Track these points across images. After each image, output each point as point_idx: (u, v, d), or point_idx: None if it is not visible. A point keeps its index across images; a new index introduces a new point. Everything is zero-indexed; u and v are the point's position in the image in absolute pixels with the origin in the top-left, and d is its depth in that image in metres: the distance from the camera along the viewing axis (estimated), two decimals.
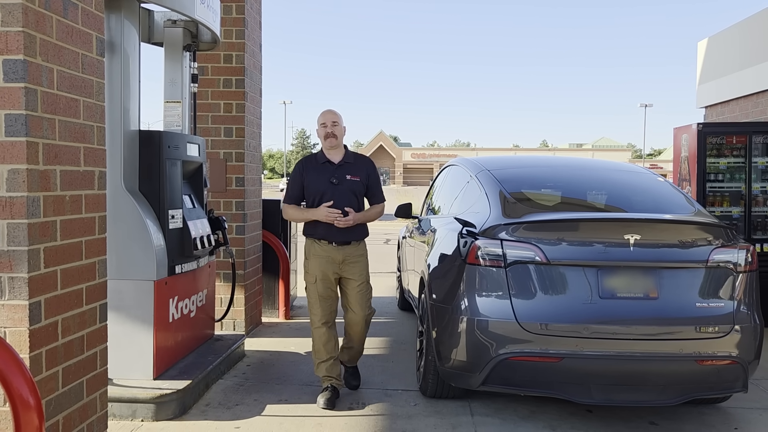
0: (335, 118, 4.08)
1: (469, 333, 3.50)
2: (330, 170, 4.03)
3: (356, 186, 4.05)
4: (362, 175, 4.07)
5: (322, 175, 4.03)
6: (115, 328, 3.76)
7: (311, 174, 4.06)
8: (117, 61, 3.84)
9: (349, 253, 4.03)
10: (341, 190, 3.99)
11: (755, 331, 3.52)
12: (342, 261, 4.01)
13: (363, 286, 4.06)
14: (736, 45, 8.33)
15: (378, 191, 4.19)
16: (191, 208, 4.34)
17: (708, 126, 6.62)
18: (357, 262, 4.05)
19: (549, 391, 3.46)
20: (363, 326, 4.13)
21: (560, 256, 3.42)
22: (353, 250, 4.04)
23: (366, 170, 4.11)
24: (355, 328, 4.13)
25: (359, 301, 4.05)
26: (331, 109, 4.15)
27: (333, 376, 4.04)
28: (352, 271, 4.03)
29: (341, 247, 4.01)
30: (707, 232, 3.57)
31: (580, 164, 5.02)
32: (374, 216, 4.17)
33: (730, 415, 3.94)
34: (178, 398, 3.70)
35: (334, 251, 4.00)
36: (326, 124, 4.06)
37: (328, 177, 4.01)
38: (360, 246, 4.10)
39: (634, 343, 3.35)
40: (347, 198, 4.00)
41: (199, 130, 5.51)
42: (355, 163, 4.12)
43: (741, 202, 6.51)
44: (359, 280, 4.04)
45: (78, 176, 2.70)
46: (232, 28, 5.56)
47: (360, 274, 4.06)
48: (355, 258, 4.04)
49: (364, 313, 4.09)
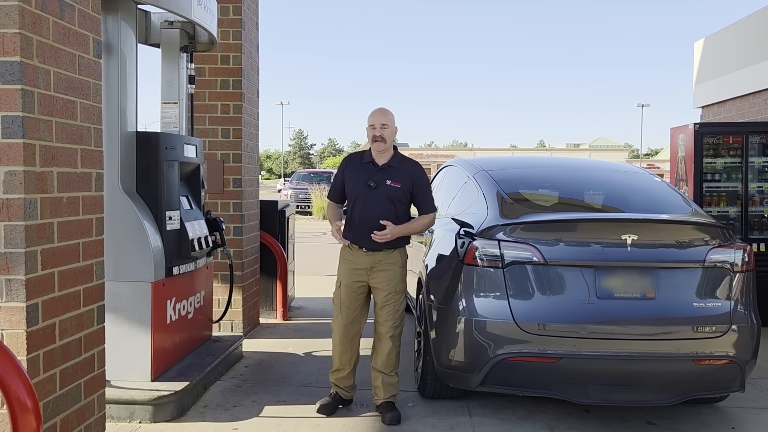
0: (385, 120, 3.76)
1: (467, 333, 3.50)
2: (370, 172, 3.76)
3: (395, 192, 3.73)
4: (405, 181, 3.74)
5: (362, 175, 3.77)
6: (113, 329, 3.75)
7: (351, 172, 3.83)
8: (114, 63, 3.83)
9: (380, 260, 3.72)
10: (377, 195, 3.71)
11: (752, 330, 3.53)
12: (371, 268, 3.73)
13: (391, 297, 3.72)
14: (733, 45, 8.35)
15: (426, 200, 3.81)
16: (189, 210, 4.34)
17: (705, 126, 6.64)
18: (387, 270, 3.73)
19: (547, 392, 3.46)
20: (388, 344, 3.73)
21: (558, 256, 3.42)
22: (385, 257, 3.73)
23: (411, 176, 3.77)
24: (379, 345, 3.78)
25: (384, 314, 3.74)
26: (383, 108, 3.84)
27: (340, 386, 3.87)
28: (380, 279, 3.73)
29: (371, 254, 3.72)
30: (704, 232, 3.58)
31: (577, 164, 5.03)
32: (419, 228, 3.83)
33: (727, 415, 3.94)
34: (176, 400, 3.70)
35: (362, 257, 3.73)
36: (375, 126, 3.76)
37: (367, 179, 3.74)
38: (393, 254, 3.75)
39: (632, 343, 3.36)
40: (383, 204, 3.71)
41: (197, 131, 5.49)
42: (400, 168, 3.78)
43: (738, 202, 6.52)
44: (386, 290, 3.72)
45: (75, 178, 2.70)
46: (229, 29, 5.55)
47: (388, 283, 3.72)
48: (385, 266, 3.73)
49: (390, 327, 3.72)
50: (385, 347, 3.75)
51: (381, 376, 3.78)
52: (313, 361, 4.94)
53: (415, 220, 3.82)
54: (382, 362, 3.77)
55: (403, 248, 3.84)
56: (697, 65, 9.40)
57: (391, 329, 3.74)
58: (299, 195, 24.46)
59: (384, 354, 3.76)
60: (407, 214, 3.84)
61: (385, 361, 3.77)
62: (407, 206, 3.83)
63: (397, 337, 3.79)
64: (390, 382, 3.80)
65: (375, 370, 3.81)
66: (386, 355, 3.76)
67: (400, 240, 3.78)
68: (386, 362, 3.77)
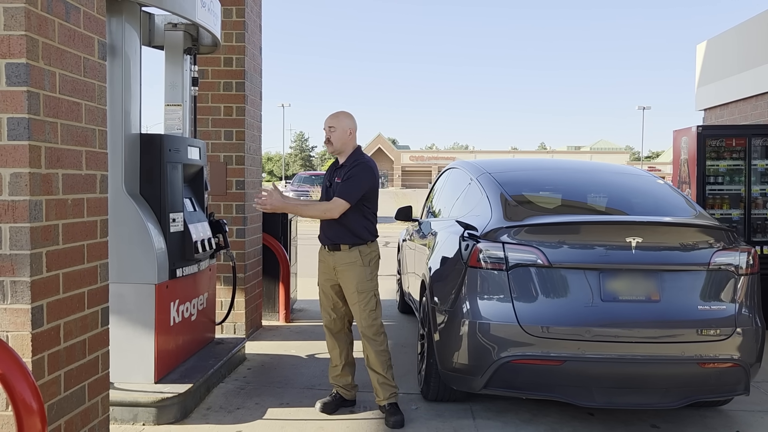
0: (332, 123, 3.83)
1: (472, 336, 3.49)
2: (331, 172, 3.97)
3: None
4: (347, 176, 3.78)
5: (329, 177, 3.96)
6: (117, 331, 3.75)
7: (326, 175, 4.01)
8: (118, 65, 3.83)
9: (339, 259, 3.78)
10: (332, 193, 3.85)
11: (757, 333, 3.52)
12: (334, 267, 3.82)
13: (354, 296, 3.75)
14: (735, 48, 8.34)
15: (343, 187, 3.71)
16: (192, 212, 4.34)
17: (708, 128, 6.63)
18: (346, 270, 3.76)
19: (551, 394, 3.45)
20: (366, 342, 3.78)
21: (562, 259, 3.42)
22: (344, 256, 3.76)
23: (350, 170, 3.76)
24: (363, 346, 3.82)
25: (358, 312, 3.77)
26: (335, 112, 3.88)
27: (339, 384, 3.96)
28: (342, 278, 3.79)
29: (332, 253, 3.81)
30: (709, 234, 3.58)
31: (580, 167, 5.02)
32: (313, 211, 3.85)
33: (731, 418, 3.93)
34: (179, 402, 3.69)
35: (327, 256, 3.86)
36: (325, 128, 3.90)
37: (329, 179, 3.95)
38: (352, 252, 3.75)
39: (636, 345, 3.35)
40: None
41: (200, 133, 5.50)
42: (348, 165, 3.82)
43: (741, 205, 6.51)
44: (349, 289, 3.77)
45: (80, 180, 2.70)
46: (233, 32, 5.56)
47: (350, 282, 3.75)
48: (344, 265, 3.76)
49: (363, 327, 3.77)
50: (365, 345, 3.82)
51: (374, 375, 3.82)
52: (315, 363, 4.94)
53: (312, 202, 3.94)
54: (370, 361, 3.83)
55: (364, 246, 3.77)
56: (699, 68, 9.39)
57: (364, 328, 3.78)
58: (300, 197, 24.43)
59: (367, 352, 3.82)
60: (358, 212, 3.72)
61: (371, 360, 3.81)
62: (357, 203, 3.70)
63: (372, 336, 3.76)
64: (384, 381, 3.79)
65: (369, 369, 3.86)
66: (370, 353, 3.81)
67: (352, 237, 3.74)
68: (372, 360, 3.80)
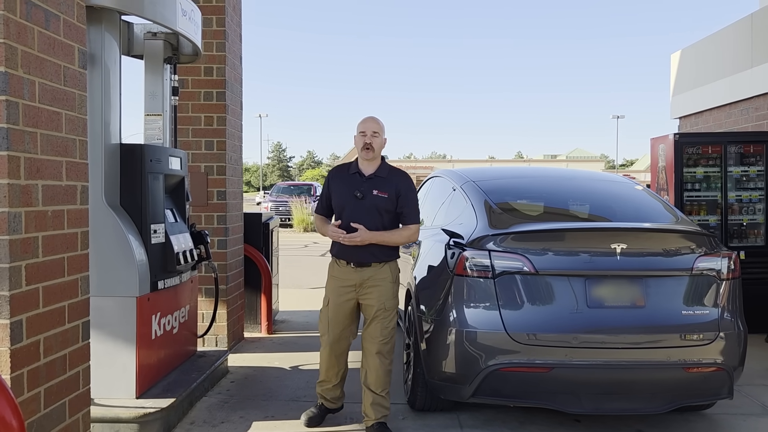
0: (377, 128, 3.66)
1: (459, 345, 3.48)
2: (357, 182, 3.65)
3: (382, 203, 3.60)
4: (392, 191, 3.61)
5: (348, 186, 3.65)
6: (97, 346, 3.65)
7: (337, 184, 3.72)
8: (98, 74, 3.77)
9: (370, 275, 3.59)
10: (364, 205, 3.58)
11: (739, 337, 3.56)
12: (360, 284, 3.60)
13: (380, 313, 3.58)
14: (710, 57, 8.51)
15: (410, 211, 3.65)
16: (174, 223, 4.27)
17: (684, 136, 6.74)
18: (377, 286, 3.59)
19: (539, 402, 3.45)
20: (375, 361, 3.59)
21: (548, 266, 3.43)
22: (374, 273, 3.59)
23: (397, 186, 3.64)
24: (366, 361, 3.65)
25: (371, 330, 3.61)
26: (374, 117, 3.72)
27: (326, 397, 3.82)
28: (370, 295, 3.59)
29: (360, 269, 3.59)
30: (691, 240, 3.62)
31: (562, 174, 5.06)
32: (398, 239, 3.64)
33: (714, 422, 3.97)
34: (162, 417, 3.61)
35: (351, 273, 3.61)
36: (366, 133, 3.65)
37: (353, 190, 3.62)
38: (383, 269, 3.61)
39: (622, 351, 3.37)
40: (371, 215, 3.57)
41: (180, 143, 5.43)
42: (388, 178, 3.66)
43: (718, 211, 6.61)
44: (376, 306, 3.58)
45: (60, 191, 2.64)
46: (213, 41, 5.51)
47: (378, 299, 3.58)
48: (375, 281, 3.59)
49: (377, 344, 3.58)
50: (372, 364, 3.62)
51: (371, 395, 3.63)
52: (299, 375, 4.88)
53: (398, 230, 3.64)
54: (372, 380, 3.63)
55: (393, 262, 3.71)
56: (674, 77, 9.57)
57: (377, 345, 3.60)
58: (279, 207, 24.32)
59: (372, 371, 3.62)
60: (395, 226, 3.68)
61: (374, 379, 3.62)
62: (395, 217, 3.68)
63: (385, 354, 3.63)
64: (380, 402, 3.64)
65: (365, 387, 3.66)
66: (374, 372, 3.61)
67: (389, 253, 3.65)
68: (375, 380, 3.61)
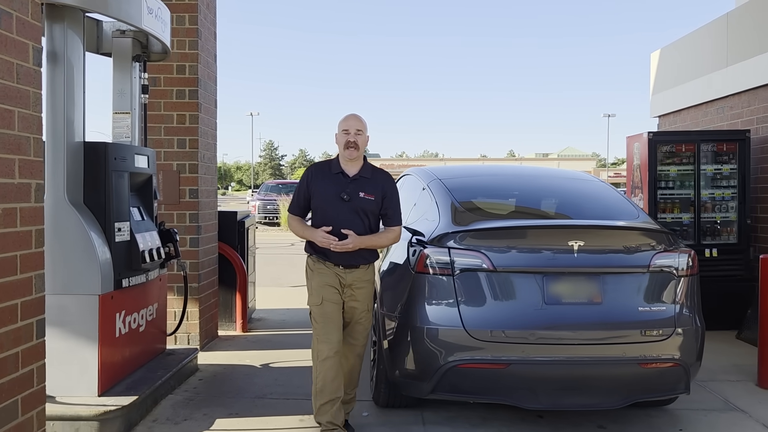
0: (360, 126, 3.55)
1: (419, 342, 3.50)
2: (342, 183, 3.52)
3: (369, 205, 3.52)
4: (378, 193, 3.54)
5: (332, 188, 3.52)
6: (59, 344, 3.68)
7: (320, 184, 3.55)
8: (60, 72, 3.78)
9: (358, 277, 3.55)
10: (350, 208, 3.48)
11: (696, 333, 3.60)
12: (349, 285, 3.54)
13: (364, 315, 3.62)
14: (688, 56, 8.57)
15: (394, 212, 3.60)
16: (140, 221, 4.27)
17: (658, 134, 6.79)
18: (363, 288, 3.58)
19: (497, 398, 3.48)
20: (357, 362, 3.69)
21: (506, 263, 3.46)
22: (362, 275, 3.56)
23: (383, 188, 3.57)
24: (354, 366, 3.68)
25: (361, 331, 3.62)
26: (356, 114, 3.61)
27: (339, 425, 3.47)
28: (357, 297, 3.56)
29: (349, 271, 3.53)
30: (649, 237, 3.66)
31: (531, 173, 5.10)
32: (385, 242, 3.63)
33: (675, 417, 4.02)
34: (122, 415, 3.62)
35: (344, 274, 3.54)
36: (349, 131, 3.52)
37: (339, 191, 3.49)
38: (369, 270, 3.60)
39: (579, 348, 3.40)
40: (357, 218, 3.49)
41: (152, 141, 5.43)
42: (372, 179, 3.57)
43: (691, 209, 6.67)
44: (362, 308, 3.59)
45: (12, 189, 2.64)
46: (185, 39, 5.51)
47: (364, 301, 3.59)
48: (362, 283, 3.57)
49: (360, 347, 3.66)
50: (359, 365, 3.69)
51: (349, 395, 3.71)
52: (269, 372, 4.90)
53: (382, 233, 3.59)
54: (347, 381, 3.65)
55: (373, 264, 3.67)
56: (653, 76, 9.62)
57: (360, 348, 3.67)
58: (267, 206, 24.28)
59: (357, 371, 3.71)
60: (377, 228, 3.63)
61: (349, 381, 3.66)
62: (378, 219, 3.62)
63: (362, 355, 3.73)
64: (347, 400, 3.69)
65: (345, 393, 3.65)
66: (350, 374, 3.67)
67: (375, 254, 3.63)
68: (350, 381, 3.68)
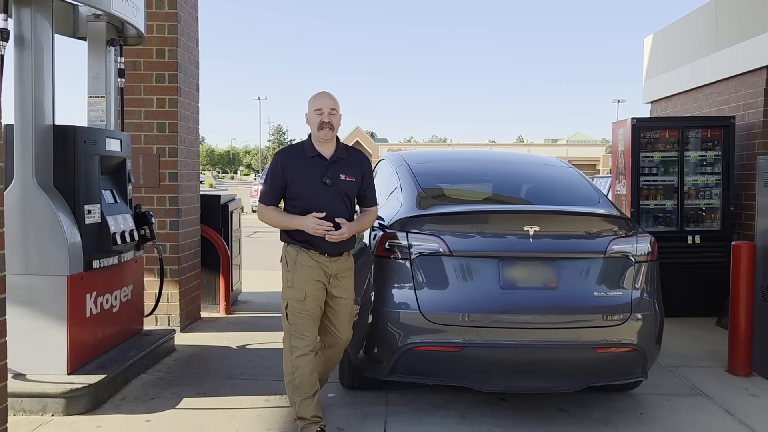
0: (334, 104, 3.37)
1: (377, 324, 3.55)
2: (321, 167, 3.35)
3: (350, 188, 3.40)
4: (357, 173, 3.42)
5: (312, 172, 3.33)
6: (30, 323, 3.77)
7: (298, 170, 3.35)
8: (27, 55, 3.82)
9: (341, 266, 3.43)
10: (333, 192, 3.34)
11: (654, 319, 3.62)
12: (334, 275, 3.41)
13: (349, 304, 3.53)
14: (679, 41, 8.49)
15: (372, 193, 3.54)
16: (112, 203, 4.34)
17: (642, 121, 6.76)
18: (347, 277, 3.49)
19: (452, 380, 3.53)
20: (338, 353, 3.63)
21: (463, 247, 3.49)
22: (345, 263, 3.46)
23: (361, 167, 3.46)
24: (335, 354, 3.61)
25: (347, 322, 3.53)
26: (328, 92, 3.41)
27: (321, 417, 3.40)
28: (343, 286, 3.45)
29: (335, 259, 3.39)
30: (607, 223, 3.68)
31: (501, 158, 5.11)
32: (369, 224, 3.56)
33: (638, 401, 4.06)
34: (90, 393, 3.71)
35: (327, 262, 3.37)
36: (322, 111, 3.33)
37: (320, 175, 3.33)
38: (350, 258, 3.51)
39: (533, 331, 3.44)
40: (341, 203, 3.37)
41: (132, 124, 5.49)
42: (349, 159, 3.43)
43: (674, 195, 6.66)
44: (348, 297, 3.50)
45: None
46: (165, 23, 5.54)
47: (347, 289, 3.49)
48: (346, 272, 3.48)
49: (346, 337, 3.54)
50: (333, 356, 3.64)
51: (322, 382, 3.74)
52: (244, 353, 4.98)
53: (364, 216, 3.51)
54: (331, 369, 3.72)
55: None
56: (646, 61, 9.54)
57: (347, 338, 3.56)
58: None
59: (337, 362, 3.71)
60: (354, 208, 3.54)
61: (326, 368, 3.68)
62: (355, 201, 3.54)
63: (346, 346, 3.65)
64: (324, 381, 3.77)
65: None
66: (330, 361, 3.66)
67: (354, 241, 3.51)
68: (327, 368, 3.70)
